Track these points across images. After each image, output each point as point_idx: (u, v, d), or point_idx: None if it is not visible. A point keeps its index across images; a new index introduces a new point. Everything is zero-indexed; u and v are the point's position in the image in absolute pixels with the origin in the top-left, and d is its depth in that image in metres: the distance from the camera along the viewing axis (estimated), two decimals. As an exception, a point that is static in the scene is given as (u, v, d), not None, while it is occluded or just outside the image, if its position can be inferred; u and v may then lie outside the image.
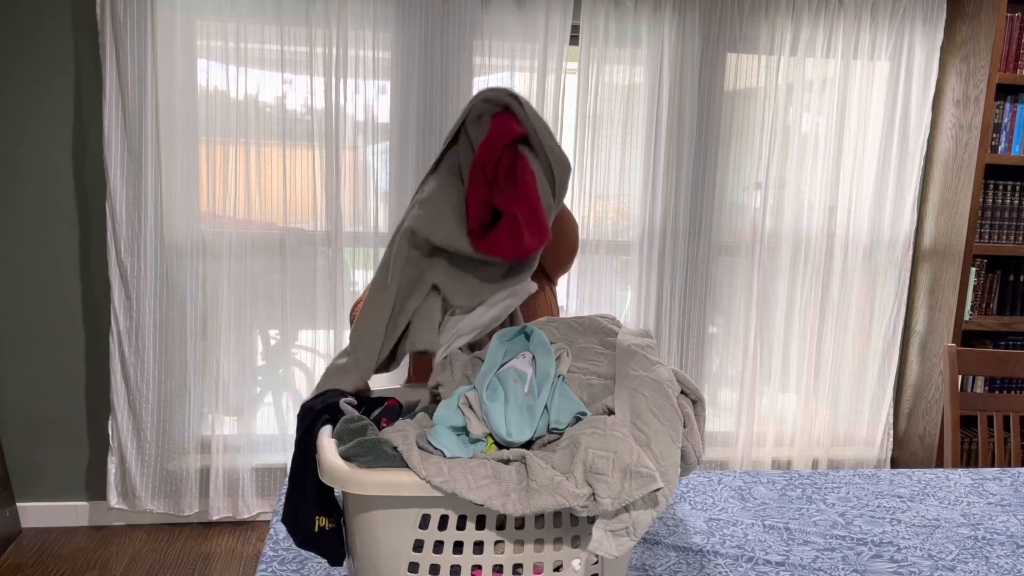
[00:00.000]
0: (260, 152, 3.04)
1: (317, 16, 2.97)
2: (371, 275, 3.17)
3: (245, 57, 2.97)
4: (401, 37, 3.05)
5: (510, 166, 1.21)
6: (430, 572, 1.01)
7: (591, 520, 0.99)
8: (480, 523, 1.01)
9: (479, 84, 3.13)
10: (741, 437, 3.48)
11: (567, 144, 3.38)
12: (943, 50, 3.37)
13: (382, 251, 3.16)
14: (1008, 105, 3.21)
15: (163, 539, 3.07)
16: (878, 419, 3.57)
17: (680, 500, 1.62)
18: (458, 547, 1.01)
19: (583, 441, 0.96)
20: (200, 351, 3.09)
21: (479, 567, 1.01)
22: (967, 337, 3.40)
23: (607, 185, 3.24)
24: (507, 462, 0.99)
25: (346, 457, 1.01)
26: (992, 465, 3.35)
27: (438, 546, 1.01)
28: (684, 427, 1.05)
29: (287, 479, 1.14)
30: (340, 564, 1.14)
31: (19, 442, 3.08)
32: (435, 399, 1.21)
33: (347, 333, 3.18)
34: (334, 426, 1.11)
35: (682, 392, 1.10)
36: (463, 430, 1.03)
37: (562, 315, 2.18)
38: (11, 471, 3.10)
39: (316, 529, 1.11)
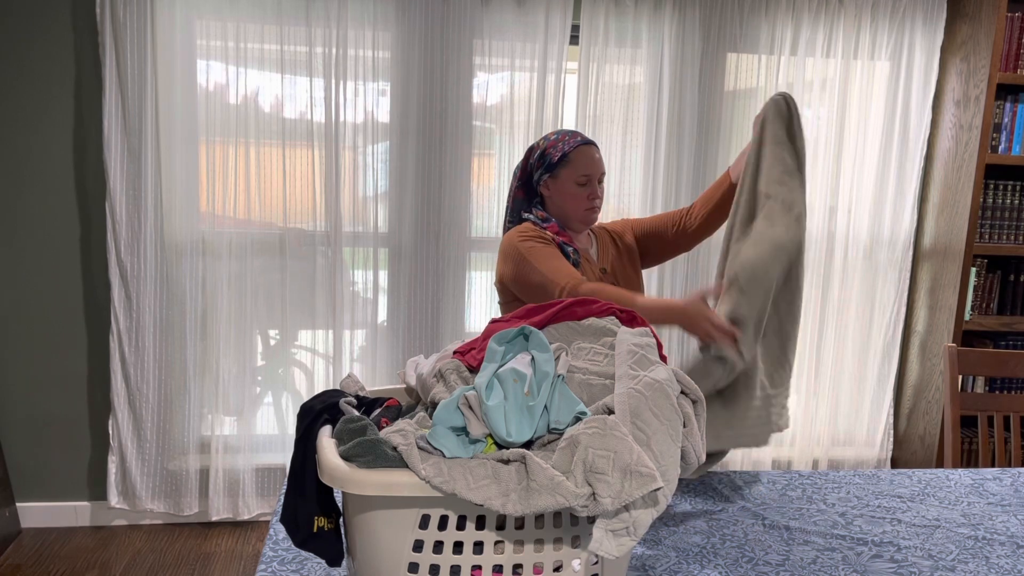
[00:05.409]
0: (260, 152, 3.03)
1: (317, 16, 2.97)
2: (371, 275, 3.17)
3: (245, 57, 2.97)
4: (401, 37, 3.05)
5: None
6: (430, 572, 1.01)
7: (591, 520, 0.99)
8: (480, 523, 1.01)
9: (479, 84, 3.13)
10: (741, 437, 3.47)
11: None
12: (943, 50, 3.37)
13: (382, 251, 3.16)
14: (1008, 105, 3.21)
15: (163, 539, 3.07)
16: (878, 419, 3.57)
17: (680, 500, 1.62)
18: (458, 547, 1.01)
19: (583, 441, 0.96)
20: (200, 351, 3.09)
21: (479, 567, 1.01)
22: (967, 337, 3.39)
23: (607, 185, 3.24)
24: (507, 462, 0.99)
25: (346, 457, 1.01)
26: (992, 465, 3.35)
27: (438, 546, 1.01)
28: (684, 427, 1.05)
29: (287, 479, 1.14)
30: (339, 564, 1.14)
31: (19, 442, 3.08)
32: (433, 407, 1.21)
33: (346, 333, 3.18)
34: (334, 426, 1.11)
35: (682, 392, 1.10)
36: (463, 430, 1.03)
37: None
38: (11, 471, 3.10)
39: (315, 529, 1.11)
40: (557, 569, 1.03)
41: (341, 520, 1.16)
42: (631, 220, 2.22)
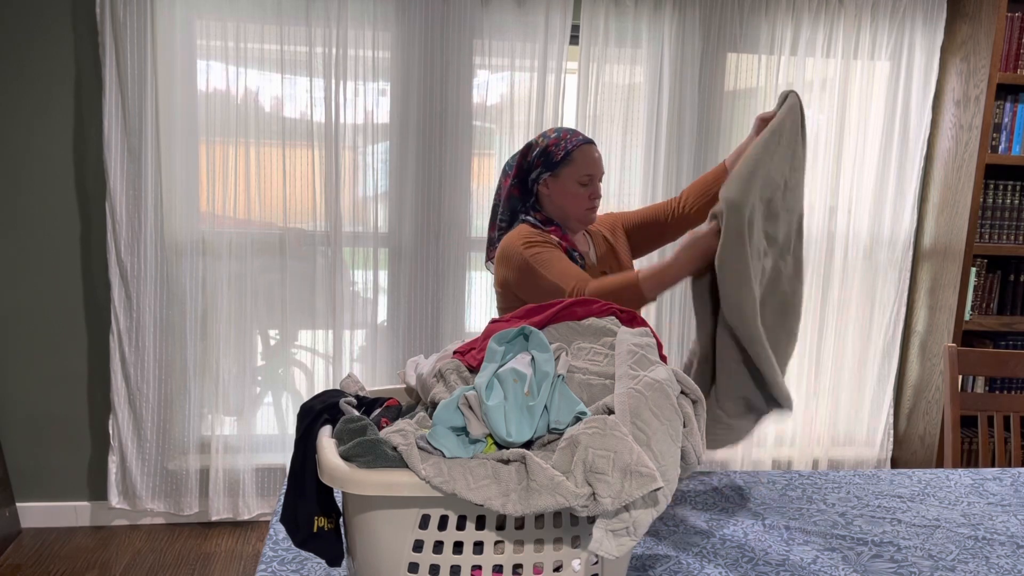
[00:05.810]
0: (260, 152, 3.03)
1: (317, 16, 2.97)
2: (371, 275, 3.17)
3: (245, 57, 2.97)
4: (401, 37, 3.05)
5: None
6: (430, 572, 1.01)
7: (591, 520, 0.99)
8: (480, 523, 1.01)
9: (479, 84, 3.13)
10: (741, 437, 3.47)
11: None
12: (943, 50, 3.37)
13: (382, 251, 3.16)
14: (1008, 105, 3.21)
15: (163, 539, 3.07)
16: (878, 419, 3.56)
17: (680, 500, 1.62)
18: (458, 547, 1.01)
19: (583, 441, 0.96)
20: (200, 351, 3.09)
21: (479, 567, 1.01)
22: (967, 337, 3.39)
23: (607, 185, 3.24)
24: (507, 462, 0.99)
25: (346, 457, 1.01)
26: (992, 465, 3.35)
27: (438, 546, 1.01)
28: (684, 427, 1.05)
29: (287, 479, 1.14)
30: (339, 564, 1.14)
31: (19, 442, 3.08)
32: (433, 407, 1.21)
33: (346, 333, 3.18)
34: (334, 426, 1.11)
35: (682, 392, 1.10)
36: (463, 430, 1.03)
37: None
38: (11, 471, 3.10)
39: (315, 529, 1.11)
40: (557, 569, 1.03)
41: (341, 520, 1.16)
42: (617, 215, 2.19)
